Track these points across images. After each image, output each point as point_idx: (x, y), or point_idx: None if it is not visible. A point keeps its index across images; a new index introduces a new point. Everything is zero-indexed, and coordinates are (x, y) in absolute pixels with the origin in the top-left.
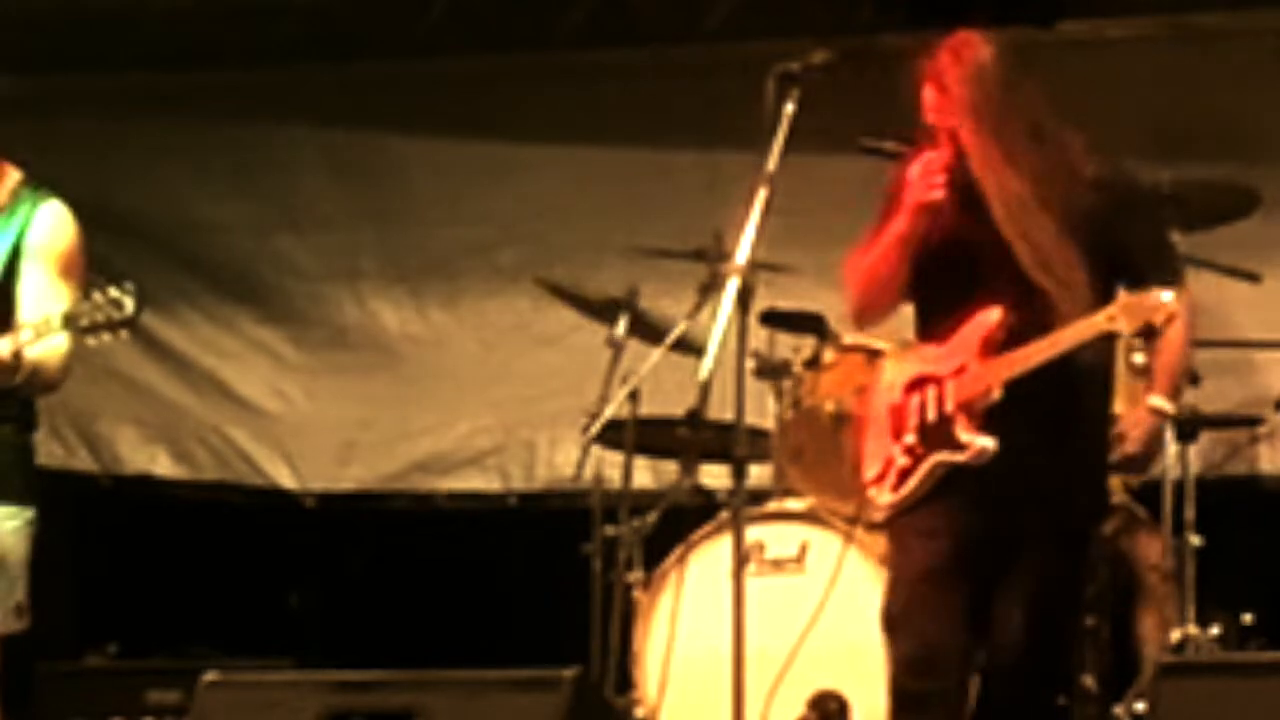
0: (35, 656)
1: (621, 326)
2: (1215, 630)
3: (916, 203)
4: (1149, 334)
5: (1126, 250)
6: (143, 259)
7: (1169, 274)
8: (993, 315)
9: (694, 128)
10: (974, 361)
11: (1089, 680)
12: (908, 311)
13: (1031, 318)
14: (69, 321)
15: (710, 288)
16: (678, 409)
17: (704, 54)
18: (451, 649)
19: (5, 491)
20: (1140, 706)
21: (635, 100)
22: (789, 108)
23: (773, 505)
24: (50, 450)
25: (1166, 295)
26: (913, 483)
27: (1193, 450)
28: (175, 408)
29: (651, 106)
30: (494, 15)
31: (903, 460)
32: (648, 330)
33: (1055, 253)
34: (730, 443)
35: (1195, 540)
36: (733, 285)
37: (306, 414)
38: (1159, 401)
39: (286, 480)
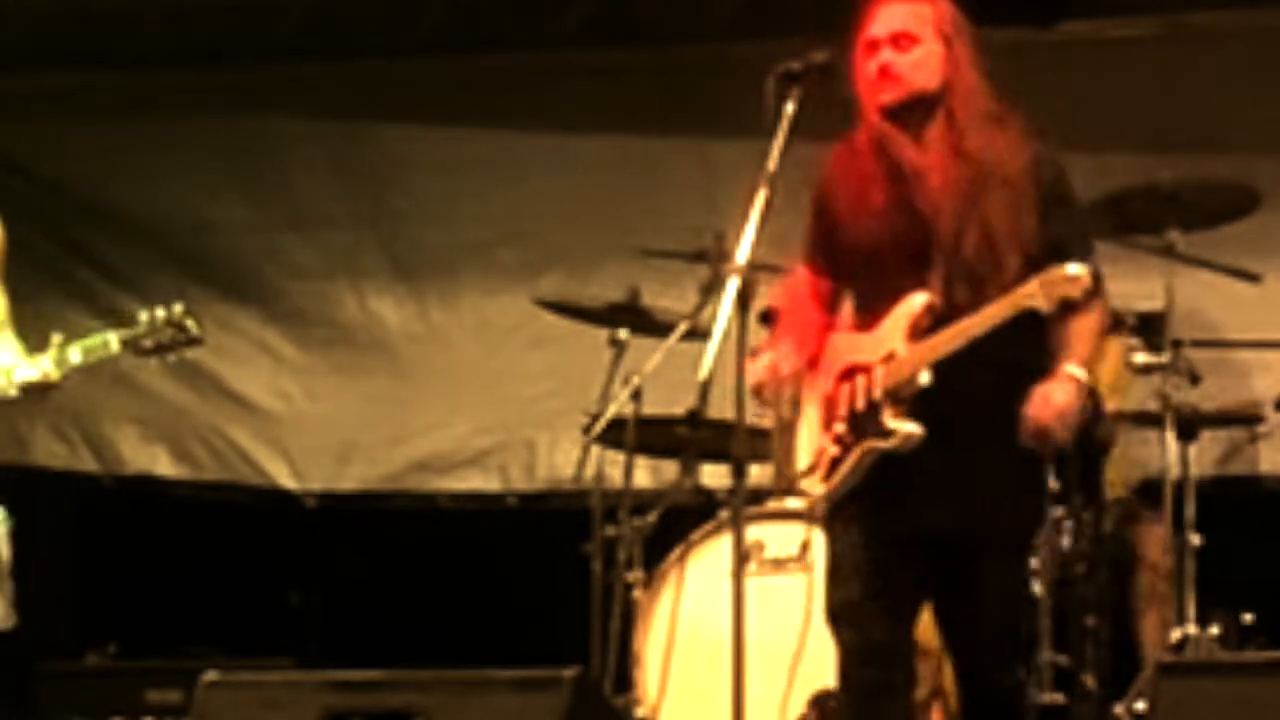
0: (35, 656)
1: (623, 328)
2: (1215, 630)
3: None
4: (1067, 308)
5: (1054, 235)
6: (143, 259)
7: (1087, 263)
8: (918, 300)
9: (694, 128)
10: (902, 346)
11: (1089, 680)
12: None
13: (967, 302)
14: (128, 345)
15: (712, 288)
16: (678, 408)
17: (704, 54)
18: (451, 649)
19: None
20: (1140, 706)
21: (635, 100)
22: (789, 108)
23: (773, 504)
24: (52, 450)
25: (1076, 268)
26: (843, 470)
27: (1193, 450)
28: (176, 408)
29: (651, 106)
30: (494, 15)
31: (833, 450)
32: (652, 328)
33: (1001, 237)
34: (730, 442)
35: (1195, 540)
36: (733, 285)
37: (307, 414)
38: (1074, 369)
39: (287, 480)
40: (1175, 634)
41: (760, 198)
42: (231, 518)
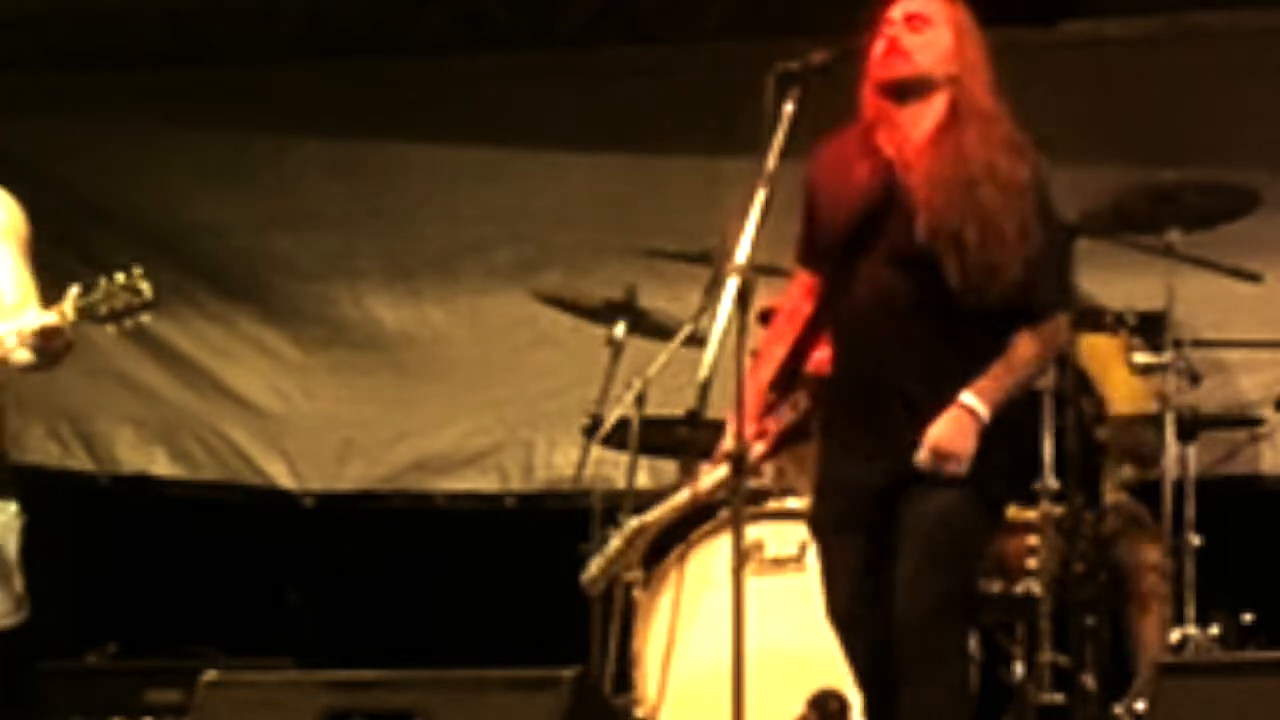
0: (36, 655)
1: (620, 327)
2: (1215, 630)
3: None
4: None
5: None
6: (142, 258)
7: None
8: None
9: (694, 128)
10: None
11: (1089, 680)
12: None
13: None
14: (83, 313)
15: (715, 288)
16: (677, 408)
17: (704, 54)
18: (451, 649)
19: None
20: (1140, 706)
21: (635, 100)
22: (789, 108)
23: (773, 504)
24: (48, 450)
25: None
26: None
27: (1193, 450)
28: (174, 407)
29: (651, 106)
30: (494, 15)
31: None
32: (649, 329)
33: (1009, 237)
34: None
35: (1195, 540)
36: (732, 285)
37: (305, 413)
38: (970, 398)
39: (285, 480)
40: (1175, 634)
41: (759, 198)
42: (230, 517)
